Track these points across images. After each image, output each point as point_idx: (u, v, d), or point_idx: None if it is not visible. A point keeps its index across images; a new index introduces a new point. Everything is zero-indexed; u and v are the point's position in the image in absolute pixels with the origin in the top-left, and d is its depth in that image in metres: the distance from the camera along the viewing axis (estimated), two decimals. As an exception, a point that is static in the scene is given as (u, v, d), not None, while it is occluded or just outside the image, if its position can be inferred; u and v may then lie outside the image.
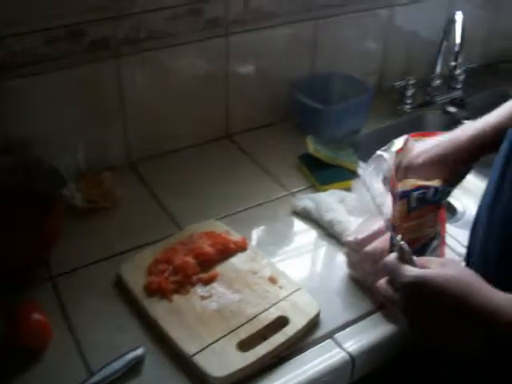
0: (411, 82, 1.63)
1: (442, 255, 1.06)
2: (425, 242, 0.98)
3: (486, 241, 0.85)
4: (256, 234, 1.18)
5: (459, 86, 1.69)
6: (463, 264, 0.74)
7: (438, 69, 1.66)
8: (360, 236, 1.02)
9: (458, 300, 0.70)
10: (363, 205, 1.08)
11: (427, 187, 0.94)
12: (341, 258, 1.08)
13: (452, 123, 1.57)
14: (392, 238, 0.94)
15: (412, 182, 0.93)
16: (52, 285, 1.02)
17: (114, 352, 0.88)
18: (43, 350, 0.89)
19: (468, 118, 1.61)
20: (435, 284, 0.72)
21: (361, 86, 1.51)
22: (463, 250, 1.09)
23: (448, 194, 0.98)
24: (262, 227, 1.20)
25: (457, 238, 1.15)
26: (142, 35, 1.24)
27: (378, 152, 0.98)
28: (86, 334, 0.93)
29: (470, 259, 0.91)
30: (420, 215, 0.95)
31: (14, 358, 0.88)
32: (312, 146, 1.33)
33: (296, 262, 1.10)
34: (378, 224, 1.02)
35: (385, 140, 1.08)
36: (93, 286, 1.02)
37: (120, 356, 0.86)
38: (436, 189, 0.95)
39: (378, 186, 1.00)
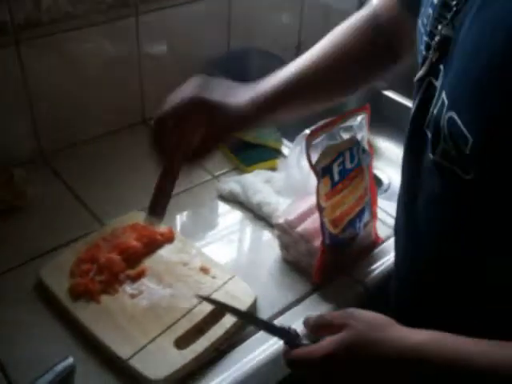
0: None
1: (374, 230, 1.06)
2: (352, 217, 0.97)
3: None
4: (182, 222, 1.14)
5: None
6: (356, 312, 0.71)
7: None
8: (290, 217, 1.00)
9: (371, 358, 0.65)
10: (291, 185, 1.06)
11: (342, 152, 0.92)
12: (272, 241, 1.05)
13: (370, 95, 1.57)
14: (322, 224, 0.93)
15: (329, 154, 0.91)
16: (-36, 298, 0.94)
17: (41, 366, 0.80)
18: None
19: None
20: (342, 353, 0.66)
21: (280, 62, 1.47)
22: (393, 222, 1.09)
23: (364, 152, 0.97)
24: (187, 215, 1.16)
25: (385, 209, 1.14)
26: (44, 18, 1.15)
27: (306, 131, 0.95)
28: (8, 349, 0.85)
29: (397, 231, 0.89)
30: (344, 186, 0.95)
31: None
32: (233, 127, 1.28)
33: (227, 249, 1.06)
34: (308, 203, 1.00)
35: (306, 116, 1.06)
36: (10, 295, 0.94)
37: (48, 369, 0.79)
38: (351, 150, 0.93)
39: (305, 164, 0.97)
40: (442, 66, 0.66)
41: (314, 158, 0.90)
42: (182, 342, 0.85)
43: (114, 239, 0.99)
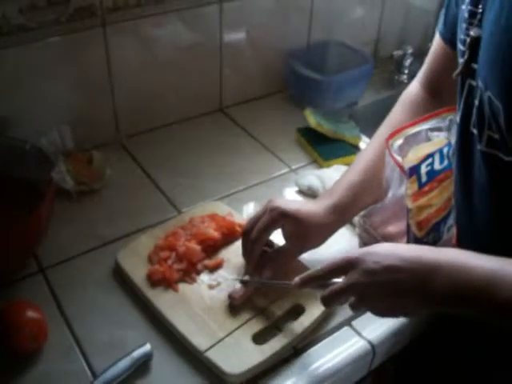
0: (409, 51, 1.56)
1: (454, 235, 1.02)
2: (437, 220, 0.93)
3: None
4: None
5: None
6: None
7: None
8: (373, 216, 0.96)
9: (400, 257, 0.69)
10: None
11: (431, 154, 0.89)
12: (352, 239, 1.02)
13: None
14: (408, 226, 0.89)
15: (417, 155, 0.88)
16: (44, 278, 0.94)
17: (117, 349, 0.81)
18: (39, 351, 0.82)
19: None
20: (376, 251, 0.71)
21: (359, 56, 1.44)
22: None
23: (454, 155, 0.94)
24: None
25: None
26: (131, 2, 1.14)
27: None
28: (86, 330, 0.86)
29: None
30: (431, 188, 0.91)
31: (6, 363, 0.80)
32: (313, 120, 1.26)
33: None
34: (393, 204, 0.97)
35: (383, 112, 1.03)
36: (88, 277, 0.94)
37: (125, 354, 0.79)
38: (441, 152, 0.90)
39: (391, 163, 0.94)
40: (476, 66, 0.74)
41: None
42: (260, 338, 0.83)
43: (193, 228, 0.97)
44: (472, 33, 0.74)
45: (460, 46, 0.79)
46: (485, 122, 0.72)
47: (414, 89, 1.03)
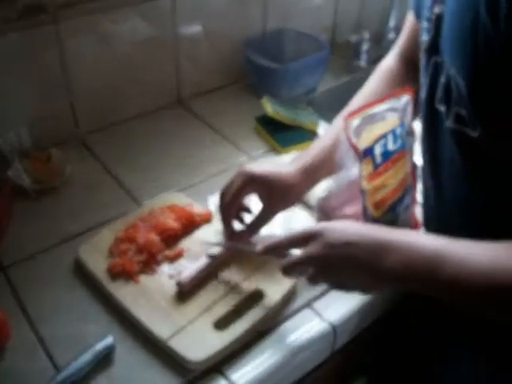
0: (366, 36, 1.57)
1: (413, 215, 1.04)
2: (393, 200, 0.95)
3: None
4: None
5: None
6: None
7: (392, 22, 1.61)
8: (330, 200, 0.98)
9: (358, 232, 0.73)
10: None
11: (385, 134, 0.90)
12: (311, 223, 1.03)
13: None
14: (364, 207, 0.91)
15: (371, 136, 0.90)
16: (5, 276, 0.94)
17: (80, 344, 0.82)
18: (1, 350, 0.82)
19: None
20: (337, 226, 0.75)
21: (315, 43, 1.45)
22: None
23: (408, 135, 0.95)
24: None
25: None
26: (81, -3, 1.14)
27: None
28: (48, 327, 0.86)
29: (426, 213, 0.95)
30: (385, 168, 0.92)
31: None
32: (270, 108, 1.27)
33: (264, 230, 1.04)
34: (349, 186, 0.98)
35: (341, 97, 1.05)
36: (50, 273, 0.94)
37: (88, 347, 0.80)
38: (393, 132, 0.92)
39: (346, 146, 0.95)
40: (440, 40, 0.74)
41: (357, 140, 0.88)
42: (222, 324, 0.84)
43: (152, 219, 0.98)
44: (436, 9, 0.75)
45: (424, 23, 0.79)
46: (451, 98, 0.72)
47: (389, 61, 1.04)
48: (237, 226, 0.95)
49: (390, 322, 1.00)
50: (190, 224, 0.99)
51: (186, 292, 0.88)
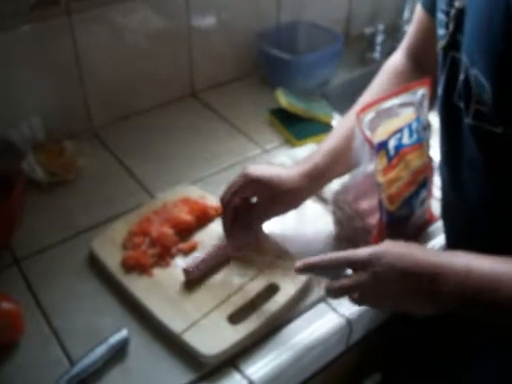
0: (380, 28, 1.56)
1: (429, 209, 1.03)
2: (409, 194, 0.94)
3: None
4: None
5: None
6: None
7: (407, 14, 1.59)
8: (346, 193, 0.97)
9: (408, 258, 0.71)
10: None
11: (400, 129, 0.90)
12: (326, 217, 1.03)
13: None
14: (380, 201, 0.90)
15: (386, 130, 0.89)
16: (18, 269, 0.94)
17: (94, 336, 0.81)
18: (15, 342, 0.82)
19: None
20: (387, 252, 0.71)
21: (329, 35, 1.44)
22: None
23: (425, 128, 0.94)
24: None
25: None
26: (94, -11, 1.14)
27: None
28: (62, 319, 0.86)
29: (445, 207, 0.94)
30: (398, 161, 0.92)
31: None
32: (284, 100, 1.26)
33: (279, 223, 1.03)
34: (364, 180, 0.97)
35: (355, 90, 1.03)
36: (63, 266, 0.94)
37: (102, 341, 0.79)
38: (409, 127, 0.91)
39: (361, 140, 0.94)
40: (461, 38, 0.72)
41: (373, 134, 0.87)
42: (236, 318, 0.83)
43: (166, 212, 0.98)
44: (457, 3, 0.73)
45: (442, 17, 0.78)
46: (471, 95, 0.71)
47: (397, 58, 1.02)
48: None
49: (407, 317, 0.99)
50: (204, 217, 0.99)
51: (193, 279, 0.88)
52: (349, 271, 0.75)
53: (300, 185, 0.90)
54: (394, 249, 0.72)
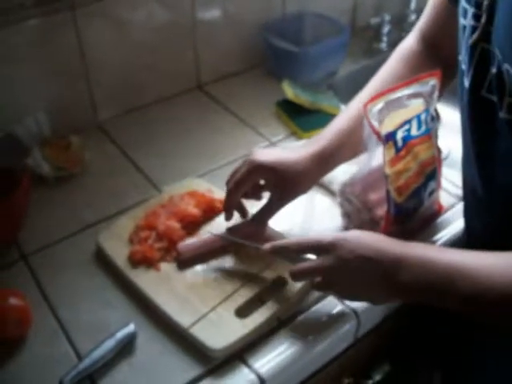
0: (387, 18, 1.54)
1: (437, 200, 1.02)
2: (417, 185, 0.93)
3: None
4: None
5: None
6: None
7: (414, 4, 1.58)
8: (354, 185, 0.96)
9: (374, 247, 0.73)
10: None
11: (409, 120, 0.89)
12: (333, 209, 1.02)
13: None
14: (388, 192, 0.89)
15: (394, 122, 0.88)
16: (25, 265, 0.94)
17: (102, 331, 0.81)
18: (24, 337, 0.82)
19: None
20: (351, 239, 0.74)
21: (335, 26, 1.43)
22: (458, 191, 1.05)
23: (433, 119, 0.93)
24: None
25: (447, 177, 1.09)
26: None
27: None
28: (70, 314, 0.86)
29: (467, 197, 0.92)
30: (406, 152, 0.91)
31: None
32: (291, 92, 1.25)
33: (286, 216, 1.02)
34: (372, 171, 0.96)
35: (362, 81, 1.02)
36: (70, 261, 0.94)
37: (110, 335, 0.79)
38: (418, 118, 0.90)
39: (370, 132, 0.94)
40: (491, 28, 0.70)
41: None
42: (243, 312, 0.83)
43: (172, 206, 0.97)
44: None
45: (467, 7, 0.75)
46: (505, 89, 0.69)
47: (410, 42, 1.00)
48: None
49: (416, 309, 0.99)
50: (211, 210, 0.98)
51: (183, 260, 0.89)
52: (312, 257, 0.78)
53: (309, 167, 0.89)
54: (359, 236, 0.75)
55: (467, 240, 0.96)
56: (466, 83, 0.78)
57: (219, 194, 1.02)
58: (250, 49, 1.44)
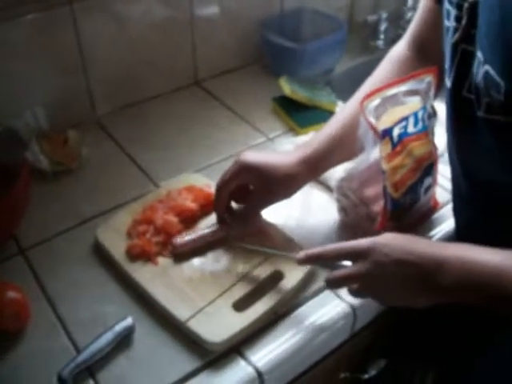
0: (384, 15, 1.55)
1: (433, 196, 1.03)
2: (413, 181, 0.94)
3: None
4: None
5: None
6: None
7: (410, 1, 1.58)
8: (351, 180, 0.97)
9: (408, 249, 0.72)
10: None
11: (406, 117, 0.89)
12: (330, 204, 1.03)
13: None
14: (385, 188, 0.90)
15: (391, 118, 0.89)
16: (24, 259, 0.94)
17: (100, 324, 0.82)
18: (22, 330, 0.82)
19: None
20: (387, 243, 0.72)
21: (332, 22, 1.43)
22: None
23: (430, 116, 0.94)
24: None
25: (443, 173, 1.09)
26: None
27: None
28: (68, 308, 0.86)
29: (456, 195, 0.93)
30: (402, 148, 0.91)
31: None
32: (288, 88, 1.26)
33: (283, 211, 1.03)
34: (369, 167, 0.97)
35: (359, 78, 1.03)
36: (69, 255, 0.95)
37: (108, 328, 0.80)
38: (415, 115, 0.91)
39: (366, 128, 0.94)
40: (473, 31, 0.72)
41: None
42: (241, 305, 0.84)
43: (170, 201, 0.98)
44: None
45: (450, 9, 0.76)
46: (483, 90, 0.70)
47: (401, 47, 1.02)
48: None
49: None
50: (208, 205, 0.99)
51: (178, 253, 0.90)
52: (348, 263, 0.76)
53: (296, 171, 0.89)
54: (394, 240, 0.73)
55: (456, 236, 0.97)
56: (448, 83, 0.80)
57: (217, 189, 1.03)
58: (247, 45, 1.44)
